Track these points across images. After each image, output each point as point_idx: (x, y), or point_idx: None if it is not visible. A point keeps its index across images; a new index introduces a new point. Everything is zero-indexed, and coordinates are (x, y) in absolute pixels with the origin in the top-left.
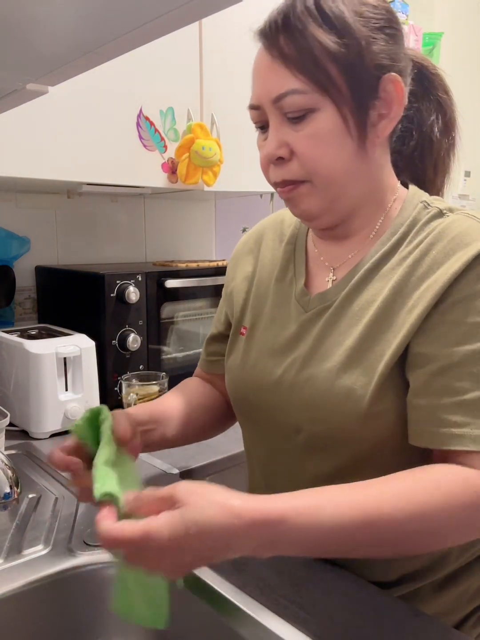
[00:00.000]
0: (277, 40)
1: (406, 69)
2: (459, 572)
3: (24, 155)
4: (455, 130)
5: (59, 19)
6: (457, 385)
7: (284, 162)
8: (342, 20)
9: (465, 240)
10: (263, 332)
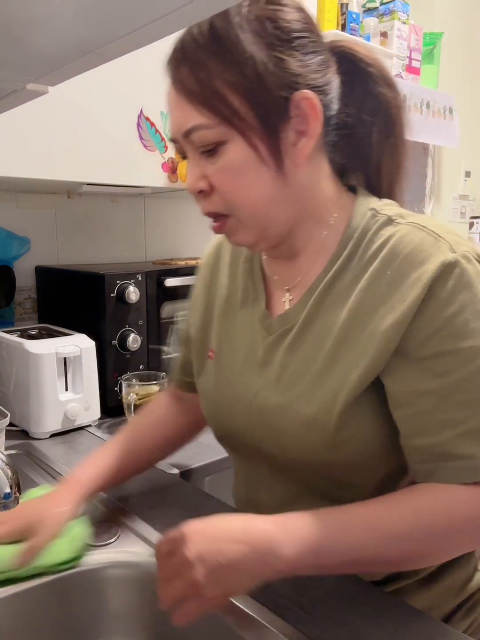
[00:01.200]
0: (178, 74)
1: (321, 79)
2: (445, 566)
3: (24, 155)
4: (399, 128)
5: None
6: (453, 417)
7: (206, 195)
8: (238, 47)
9: (419, 258)
10: (231, 356)
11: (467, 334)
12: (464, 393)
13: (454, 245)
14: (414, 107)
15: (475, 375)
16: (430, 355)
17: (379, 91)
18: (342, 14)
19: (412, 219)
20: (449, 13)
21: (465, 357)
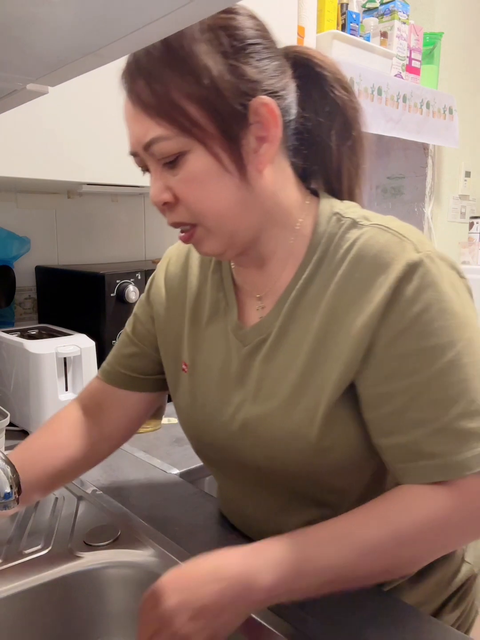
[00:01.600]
0: (134, 86)
1: (278, 84)
2: (433, 562)
3: (24, 155)
4: (357, 130)
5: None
6: (423, 416)
7: (172, 206)
8: (192, 58)
9: (385, 260)
10: (206, 369)
11: (431, 332)
12: (433, 391)
13: (417, 245)
14: (414, 107)
15: (442, 373)
16: (398, 355)
17: (335, 94)
18: (342, 14)
19: (376, 221)
20: (449, 13)
21: (431, 356)
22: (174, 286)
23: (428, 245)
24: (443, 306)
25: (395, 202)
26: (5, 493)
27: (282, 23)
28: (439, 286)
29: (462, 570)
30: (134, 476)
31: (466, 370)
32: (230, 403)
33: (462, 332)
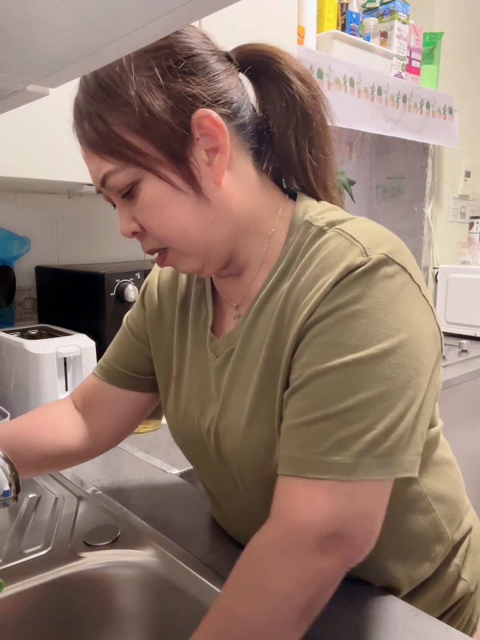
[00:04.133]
0: (80, 129)
1: (215, 91)
2: (425, 583)
3: (24, 156)
4: (319, 121)
5: (60, 21)
6: (298, 407)
7: (141, 235)
8: (123, 88)
9: (330, 263)
10: (188, 380)
11: (340, 330)
12: (316, 386)
13: (368, 248)
14: (414, 107)
15: (332, 370)
16: (305, 343)
17: (292, 87)
18: (342, 14)
19: (339, 225)
20: (449, 13)
21: (330, 351)
22: (165, 293)
23: (385, 247)
24: (363, 309)
25: (395, 202)
26: (4, 491)
27: (282, 23)
28: (369, 290)
29: (457, 588)
30: (134, 476)
31: (358, 379)
32: (206, 415)
33: (373, 341)
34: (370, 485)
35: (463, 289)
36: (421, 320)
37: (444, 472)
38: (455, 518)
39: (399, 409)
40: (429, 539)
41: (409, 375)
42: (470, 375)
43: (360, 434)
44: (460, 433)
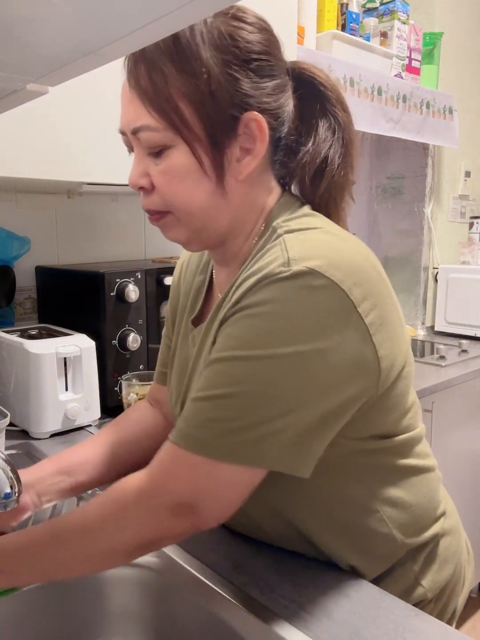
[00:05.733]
0: (135, 69)
1: (274, 103)
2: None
3: (24, 155)
4: (353, 149)
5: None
6: (197, 385)
7: (147, 192)
8: (196, 58)
9: (259, 269)
10: (175, 364)
11: (240, 325)
12: (210, 370)
13: (293, 260)
14: (414, 107)
15: (225, 360)
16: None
17: (337, 114)
18: (342, 14)
19: (288, 235)
20: (449, 13)
21: (230, 344)
22: (180, 282)
23: (313, 262)
24: (269, 312)
25: (395, 202)
26: (6, 493)
27: (282, 23)
28: (282, 296)
29: (414, 592)
30: None
31: (241, 372)
32: (179, 396)
33: (266, 343)
34: (229, 470)
35: (463, 289)
36: (337, 338)
37: (407, 481)
38: (410, 524)
39: (273, 410)
40: (375, 536)
41: (294, 384)
42: (470, 375)
43: (226, 420)
44: (460, 433)
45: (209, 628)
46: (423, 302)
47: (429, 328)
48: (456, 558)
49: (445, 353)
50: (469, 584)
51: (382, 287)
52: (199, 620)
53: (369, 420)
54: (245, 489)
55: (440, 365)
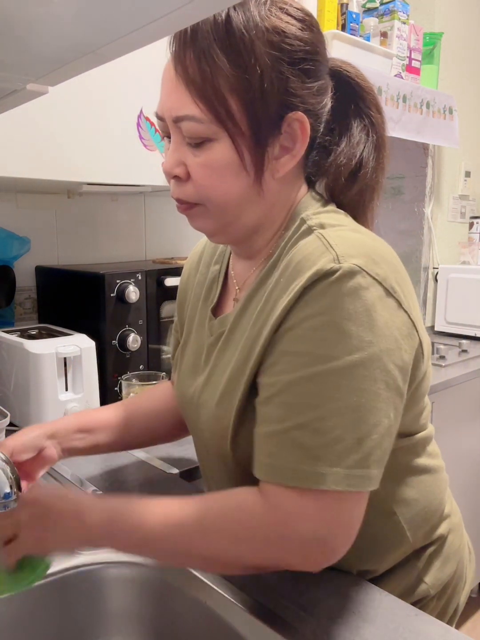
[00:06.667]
0: (183, 56)
1: (319, 104)
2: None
3: (24, 155)
4: (386, 151)
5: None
6: (274, 415)
7: (181, 181)
8: (249, 51)
9: (303, 267)
10: (188, 352)
11: (310, 339)
12: (289, 395)
13: (341, 256)
14: (414, 107)
15: (303, 380)
16: (279, 350)
17: (372, 114)
18: (342, 14)
19: (323, 230)
20: (449, 13)
21: (301, 360)
22: (191, 273)
23: (359, 259)
24: (333, 320)
25: (395, 202)
26: (5, 493)
27: None
28: (339, 299)
29: (417, 589)
30: (134, 476)
31: (327, 388)
32: (192, 385)
33: (343, 352)
34: (352, 495)
35: (463, 289)
36: (396, 334)
37: (420, 481)
38: (421, 525)
39: (369, 421)
40: (389, 539)
41: (378, 388)
42: (470, 375)
43: (330, 444)
44: (460, 433)
45: (209, 628)
46: (423, 302)
47: (429, 328)
48: (458, 556)
49: (445, 353)
50: (470, 582)
51: (411, 287)
52: (199, 620)
53: None
54: (363, 510)
55: (440, 365)
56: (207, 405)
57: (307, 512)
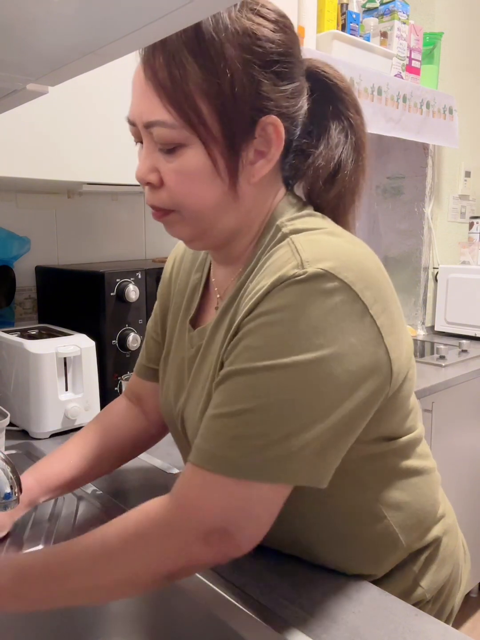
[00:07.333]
0: (152, 60)
1: (293, 107)
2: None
3: (24, 155)
4: (365, 152)
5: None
6: (214, 400)
7: (154, 188)
8: (219, 55)
9: (270, 271)
10: (170, 364)
11: (259, 334)
12: (230, 383)
13: (306, 261)
14: (414, 107)
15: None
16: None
17: (350, 115)
18: (342, 14)
19: (295, 235)
20: (449, 13)
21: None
22: (172, 281)
23: (326, 264)
24: (287, 318)
25: (395, 202)
26: (6, 493)
27: None
28: (298, 300)
29: (413, 593)
30: (134, 476)
31: (265, 382)
32: (179, 400)
33: (290, 351)
34: (263, 488)
35: (463, 289)
36: (353, 340)
37: (410, 483)
38: (414, 528)
39: (300, 420)
40: (381, 543)
41: (319, 392)
42: (470, 375)
43: (254, 436)
44: (460, 433)
45: (209, 628)
46: (423, 302)
47: (429, 328)
48: (454, 558)
49: (445, 353)
50: (466, 583)
51: (388, 290)
52: (199, 620)
53: (376, 422)
54: (276, 507)
55: (440, 365)
56: (190, 422)
57: (212, 498)
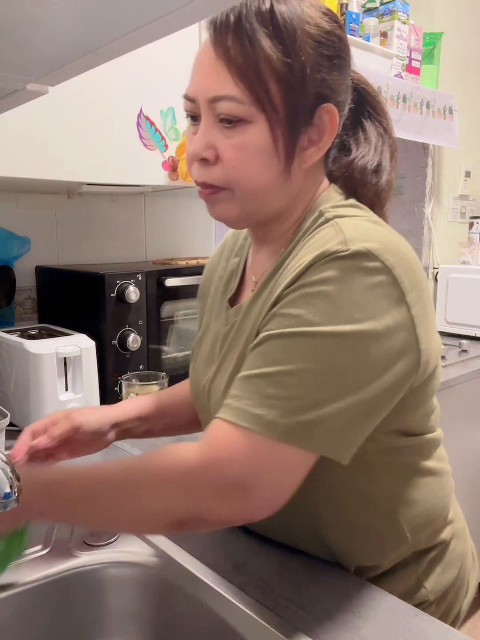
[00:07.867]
0: (224, 39)
1: (345, 101)
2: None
3: (24, 155)
4: (397, 154)
5: (60, 20)
6: (248, 362)
7: (208, 164)
8: (292, 39)
9: (313, 247)
10: (204, 342)
11: (300, 303)
12: (266, 347)
13: (350, 239)
14: (414, 107)
15: (281, 336)
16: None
17: (382, 120)
18: (342, 14)
19: (339, 219)
20: (449, 13)
21: (285, 320)
22: (212, 268)
23: (369, 244)
24: (328, 291)
25: (395, 202)
26: (5, 493)
27: None
28: (340, 274)
29: (417, 593)
30: None
31: (302, 347)
32: (206, 374)
33: (328, 321)
34: (290, 452)
35: (463, 289)
36: (390, 323)
37: (424, 483)
38: (423, 527)
39: (334, 389)
40: (387, 537)
41: (354, 364)
42: (470, 375)
43: (289, 398)
44: (461, 433)
45: (209, 628)
46: None
47: None
48: (460, 562)
49: (445, 353)
50: (473, 589)
51: (424, 283)
52: (199, 620)
53: (399, 413)
54: (297, 474)
55: None
56: (216, 393)
57: (238, 452)
